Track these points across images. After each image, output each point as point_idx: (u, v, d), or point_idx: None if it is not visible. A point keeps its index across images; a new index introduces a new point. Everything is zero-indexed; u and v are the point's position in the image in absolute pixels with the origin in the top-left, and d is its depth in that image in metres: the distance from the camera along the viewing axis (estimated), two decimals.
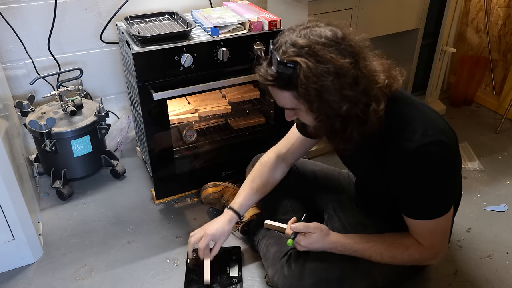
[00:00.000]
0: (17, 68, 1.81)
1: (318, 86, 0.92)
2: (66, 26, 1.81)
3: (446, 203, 1.06)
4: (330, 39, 0.93)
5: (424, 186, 1.02)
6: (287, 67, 0.93)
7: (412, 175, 1.01)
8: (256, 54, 1.02)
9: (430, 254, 1.12)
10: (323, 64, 0.91)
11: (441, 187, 1.03)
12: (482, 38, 2.42)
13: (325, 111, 0.96)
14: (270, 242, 1.35)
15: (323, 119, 0.99)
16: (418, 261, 1.14)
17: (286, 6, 1.80)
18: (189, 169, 1.74)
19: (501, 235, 1.55)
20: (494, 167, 1.91)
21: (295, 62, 0.92)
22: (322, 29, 0.95)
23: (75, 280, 1.40)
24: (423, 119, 1.02)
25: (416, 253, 1.11)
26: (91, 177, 1.87)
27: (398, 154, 1.00)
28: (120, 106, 2.10)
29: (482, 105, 2.44)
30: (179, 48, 1.41)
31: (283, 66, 0.93)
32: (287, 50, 0.94)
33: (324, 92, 0.93)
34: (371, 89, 0.97)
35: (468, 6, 2.44)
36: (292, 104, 1.00)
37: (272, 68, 0.96)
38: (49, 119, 1.62)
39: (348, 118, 0.97)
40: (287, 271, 1.23)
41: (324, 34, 0.94)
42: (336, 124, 0.98)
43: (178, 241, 1.54)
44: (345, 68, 0.92)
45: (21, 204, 1.35)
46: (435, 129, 1.00)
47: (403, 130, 1.00)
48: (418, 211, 1.06)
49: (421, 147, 0.97)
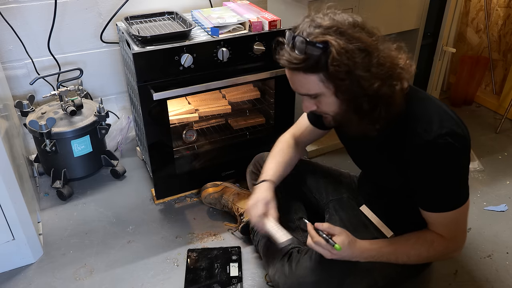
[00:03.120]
0: (17, 68, 1.81)
1: (350, 63, 0.91)
2: (66, 26, 1.81)
3: (465, 193, 1.05)
4: (352, 22, 0.95)
5: (443, 177, 1.01)
6: (316, 47, 0.91)
7: (430, 166, 1.00)
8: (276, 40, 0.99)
9: (454, 246, 1.11)
10: (353, 42, 0.92)
11: (459, 178, 1.03)
12: (482, 38, 2.42)
13: (354, 91, 0.95)
14: (271, 241, 1.35)
15: (350, 100, 0.98)
16: (444, 255, 1.14)
17: (286, 6, 1.80)
18: (189, 169, 1.74)
19: (501, 235, 1.55)
20: (494, 167, 1.91)
21: (325, 41, 0.91)
22: (343, 15, 0.96)
23: (75, 280, 1.40)
24: (438, 110, 1.01)
25: (441, 246, 1.10)
26: (91, 177, 1.87)
27: (416, 146, 0.99)
28: (120, 106, 2.10)
29: (482, 105, 2.44)
30: (179, 48, 1.41)
31: (311, 47, 0.91)
32: (312, 31, 0.93)
33: (356, 69, 0.92)
34: (395, 68, 0.97)
35: (468, 6, 2.44)
36: (317, 89, 0.98)
37: (296, 52, 0.94)
38: (49, 119, 1.62)
39: (377, 97, 0.96)
40: (287, 270, 1.23)
41: (347, 18, 0.95)
42: (365, 104, 0.98)
43: (178, 241, 1.54)
44: (373, 46, 0.94)
45: (21, 204, 1.35)
46: (452, 120, 0.99)
47: (419, 120, 1.00)
48: (438, 203, 1.05)
49: (439, 137, 0.96)
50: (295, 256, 1.25)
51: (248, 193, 1.60)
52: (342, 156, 1.99)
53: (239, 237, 1.55)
